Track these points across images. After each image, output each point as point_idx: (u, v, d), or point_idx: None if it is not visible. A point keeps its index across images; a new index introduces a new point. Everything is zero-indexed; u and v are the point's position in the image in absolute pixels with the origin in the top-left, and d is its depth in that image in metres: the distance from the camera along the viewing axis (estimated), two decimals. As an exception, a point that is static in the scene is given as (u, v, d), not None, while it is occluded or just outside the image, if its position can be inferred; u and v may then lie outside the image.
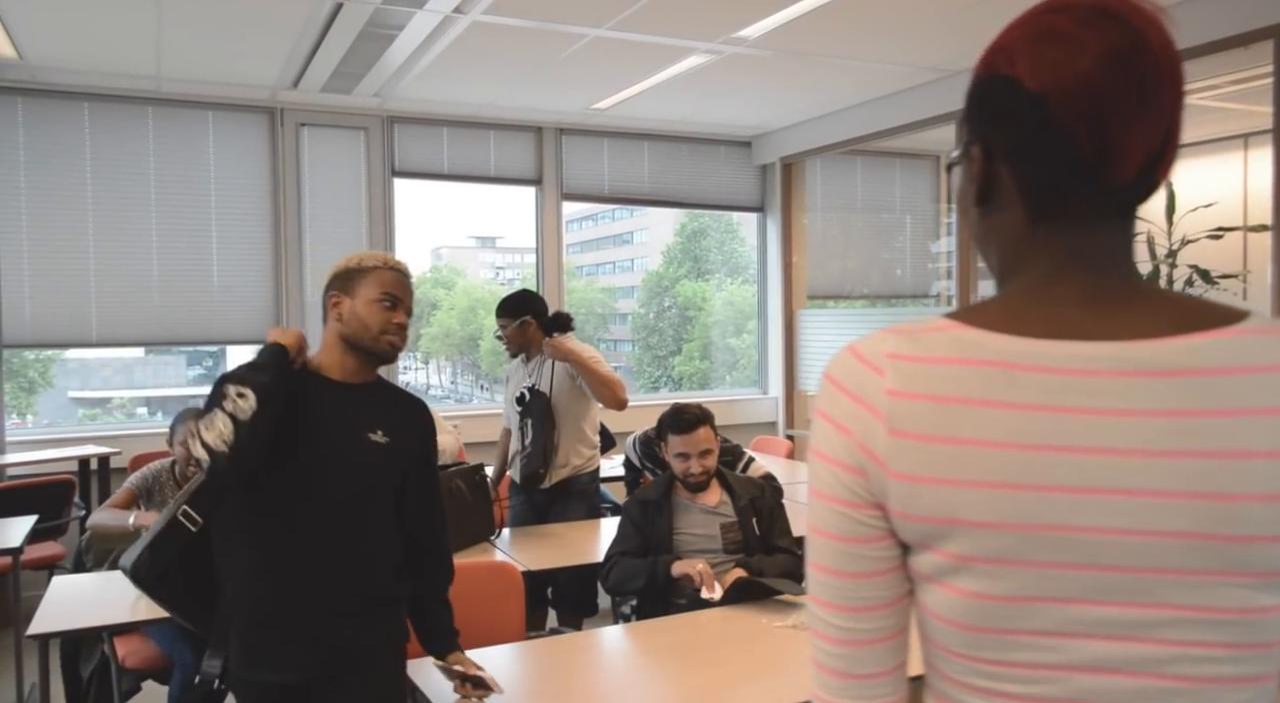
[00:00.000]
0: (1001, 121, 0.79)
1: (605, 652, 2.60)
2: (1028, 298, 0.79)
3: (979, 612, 0.77)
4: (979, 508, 0.74)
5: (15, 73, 4.94)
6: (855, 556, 0.80)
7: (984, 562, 0.75)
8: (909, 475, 0.76)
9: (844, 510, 0.80)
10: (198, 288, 5.58)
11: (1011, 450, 0.74)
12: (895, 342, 0.79)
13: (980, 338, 0.77)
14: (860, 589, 0.80)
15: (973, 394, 0.75)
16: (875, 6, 4.07)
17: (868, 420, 0.78)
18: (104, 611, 2.83)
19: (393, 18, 4.16)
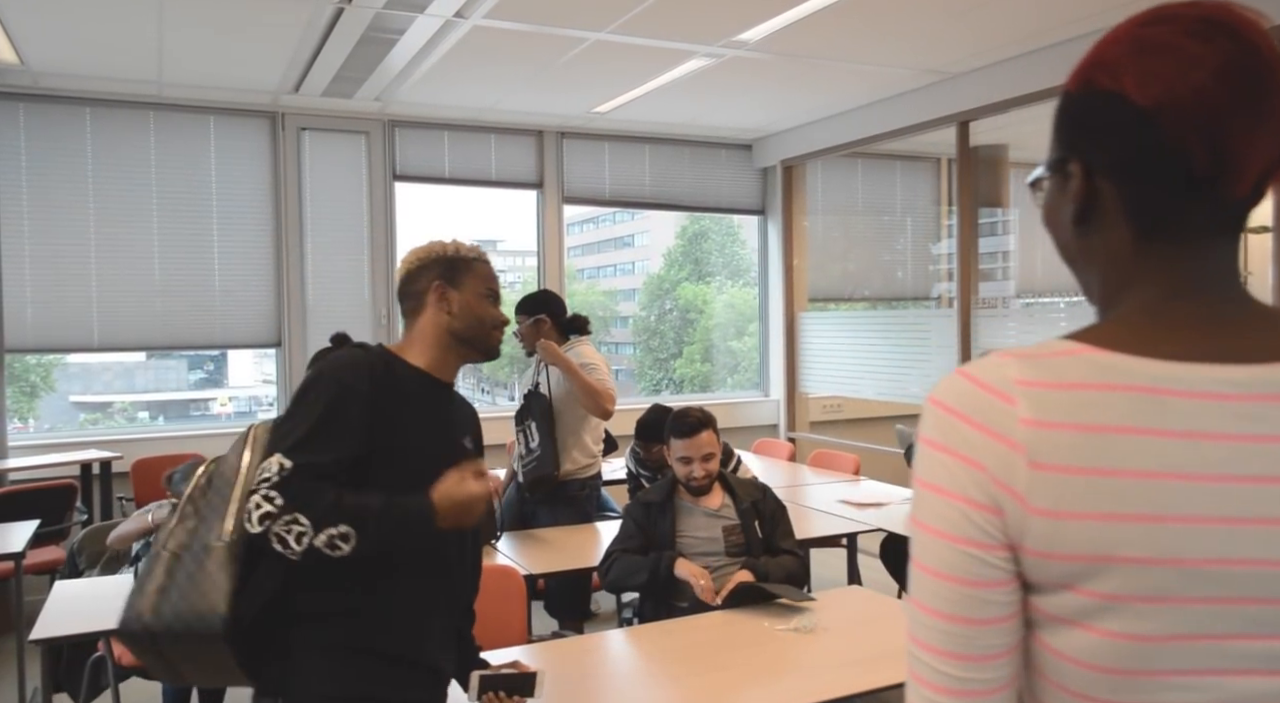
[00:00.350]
0: (1106, 138, 0.76)
1: (608, 655, 2.60)
2: (1151, 320, 0.76)
3: (1127, 653, 0.72)
4: (1135, 543, 0.70)
5: (17, 78, 4.95)
6: (980, 600, 0.73)
7: (1138, 600, 0.71)
8: (1053, 511, 0.71)
9: (972, 552, 0.73)
10: (199, 292, 5.59)
11: (1167, 481, 0.69)
12: (1021, 367, 0.73)
13: (1120, 362, 0.72)
14: (982, 637, 0.73)
15: (1123, 422, 0.70)
16: (876, 10, 4.07)
17: (1003, 453, 0.72)
18: (109, 615, 2.83)
19: (394, 22, 4.17)
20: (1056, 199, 0.83)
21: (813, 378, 6.73)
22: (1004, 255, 7.42)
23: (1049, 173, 0.83)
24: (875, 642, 2.55)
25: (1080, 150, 0.79)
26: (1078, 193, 0.79)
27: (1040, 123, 5.96)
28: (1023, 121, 5.65)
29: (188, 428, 5.82)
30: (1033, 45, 4.62)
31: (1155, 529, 0.69)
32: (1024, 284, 7.36)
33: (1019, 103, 4.89)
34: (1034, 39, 4.54)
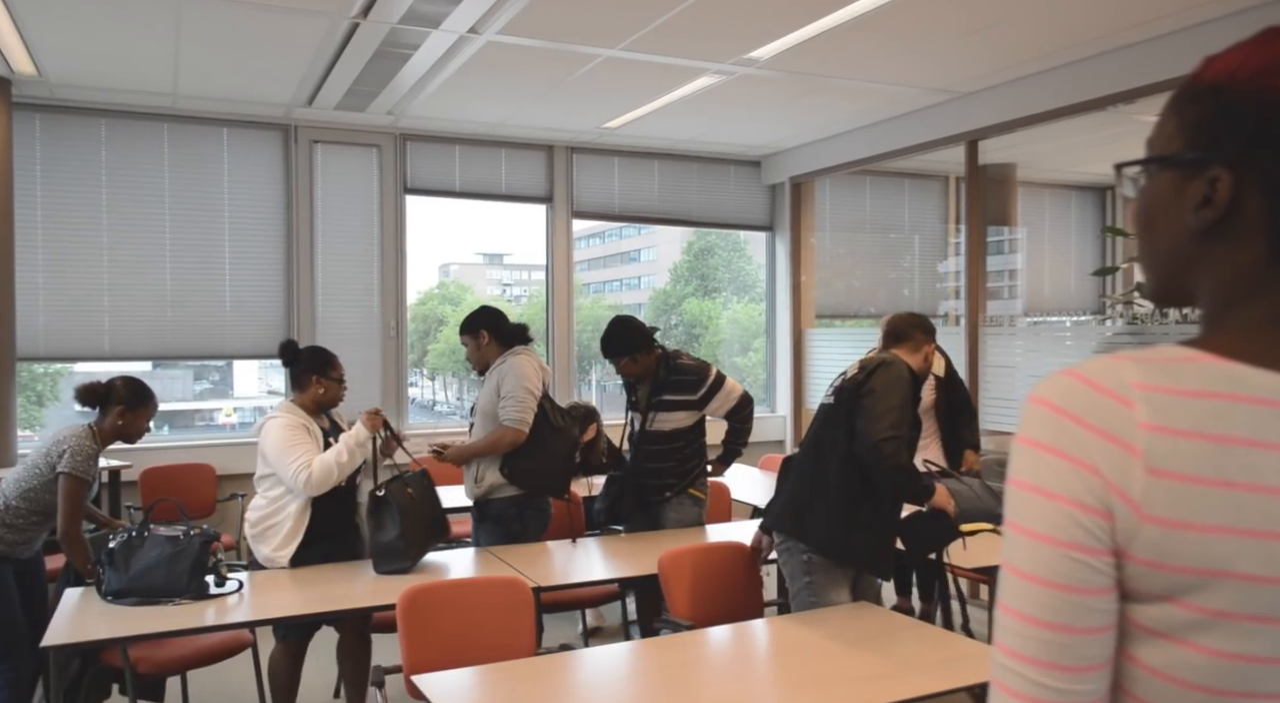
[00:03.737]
0: (1271, 149, 0.71)
1: (617, 669, 2.60)
2: (1274, 333, 0.72)
3: (1227, 673, 0.69)
4: (1252, 560, 0.67)
5: (34, 89, 5.00)
6: (1084, 608, 0.71)
7: (1246, 619, 0.68)
8: (1168, 520, 0.68)
9: (1079, 556, 0.70)
10: (210, 302, 5.62)
11: None
12: (1140, 371, 0.71)
13: (1242, 372, 0.70)
14: (1081, 646, 0.71)
15: (1247, 433, 0.68)
16: (885, 29, 4.10)
17: (1119, 457, 0.69)
18: (119, 623, 2.84)
19: (408, 37, 4.21)
20: (1172, 199, 0.77)
21: (819, 394, 6.71)
22: (1011, 274, 7.43)
23: (1169, 170, 0.78)
24: (887, 657, 2.55)
25: (1235, 158, 0.73)
26: (1221, 203, 0.74)
27: (1049, 142, 6.00)
28: (1031, 141, 5.68)
29: (194, 438, 5.83)
30: (1042, 65, 4.65)
31: (1272, 546, 0.67)
32: (1031, 303, 7.37)
33: (1028, 122, 4.91)
34: (1043, 59, 4.56)
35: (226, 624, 2.97)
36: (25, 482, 3.39)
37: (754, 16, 3.95)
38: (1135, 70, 4.27)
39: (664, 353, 4.00)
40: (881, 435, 2.89)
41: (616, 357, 3.96)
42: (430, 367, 13.43)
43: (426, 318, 13.25)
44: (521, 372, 3.84)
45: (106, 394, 3.48)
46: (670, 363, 3.97)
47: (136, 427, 3.53)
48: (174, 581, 3.04)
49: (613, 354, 3.97)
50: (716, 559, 3.38)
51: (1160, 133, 0.79)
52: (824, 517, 2.99)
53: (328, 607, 3.09)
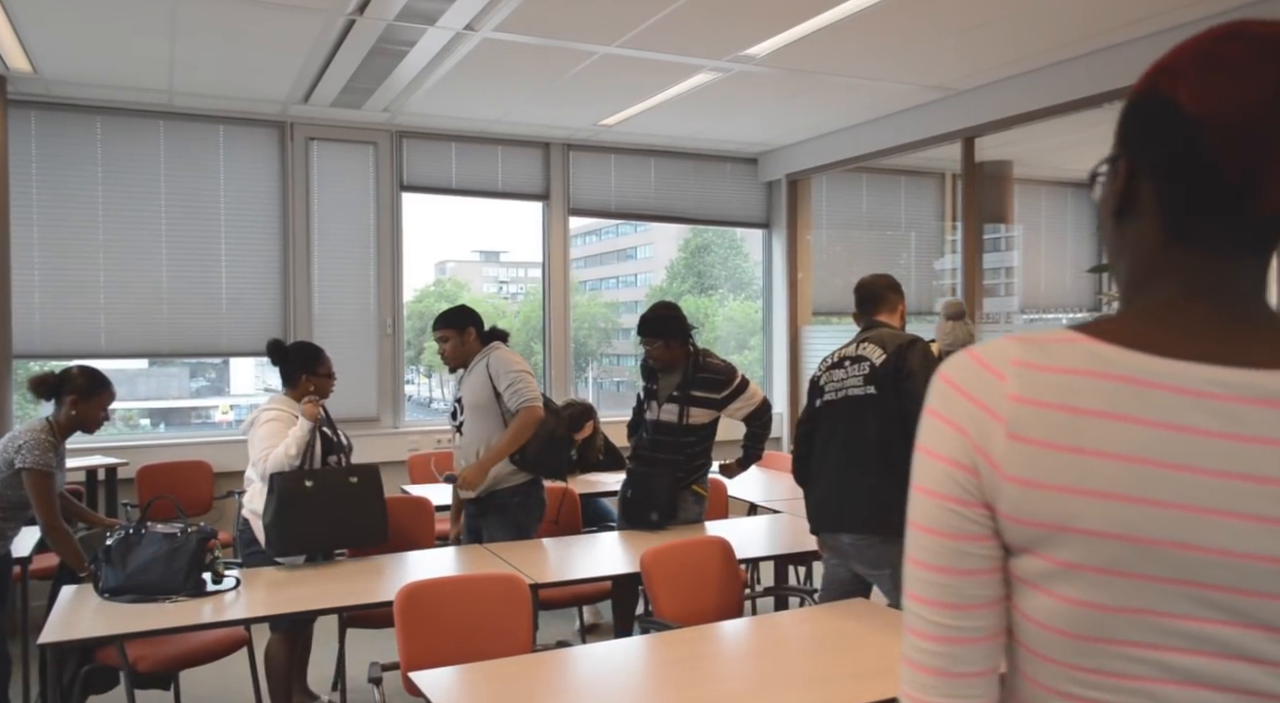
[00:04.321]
0: (1152, 141, 0.80)
1: (612, 666, 2.60)
2: (1160, 317, 0.80)
3: (1082, 620, 0.78)
4: (1094, 517, 0.75)
5: (30, 86, 4.99)
6: (961, 552, 0.81)
7: (1092, 570, 0.76)
8: (1023, 479, 0.78)
9: (953, 507, 0.81)
10: (206, 300, 5.61)
11: (1133, 464, 0.75)
12: (1021, 349, 0.80)
13: (1112, 353, 0.77)
14: (965, 587, 0.81)
15: (1100, 406, 0.76)
16: (881, 26, 4.11)
17: (985, 423, 0.79)
18: (116, 620, 2.84)
19: (404, 34, 4.21)
20: (1106, 192, 0.86)
21: (816, 391, 6.73)
22: (1008, 271, 7.44)
23: (1106, 168, 0.87)
24: (881, 654, 2.56)
25: (1130, 149, 0.83)
26: (1119, 188, 0.83)
27: (1045, 139, 6.01)
28: (1028, 138, 5.69)
29: (190, 435, 5.83)
30: (1038, 62, 4.66)
31: (1113, 506, 0.75)
32: (1028, 300, 7.38)
33: (1024, 119, 4.92)
34: (1039, 56, 4.57)
35: (223, 621, 2.97)
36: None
37: (750, 13, 3.95)
38: (1132, 67, 4.27)
39: (695, 350, 4.01)
40: None
41: (653, 337, 3.96)
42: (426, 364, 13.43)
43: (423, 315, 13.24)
44: (508, 358, 3.89)
45: (60, 384, 3.46)
46: (700, 360, 3.98)
47: (91, 416, 3.49)
48: (171, 578, 3.05)
49: (651, 333, 3.97)
50: (697, 556, 3.38)
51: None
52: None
53: (324, 603, 3.10)
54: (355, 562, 3.62)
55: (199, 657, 3.32)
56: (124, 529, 3.14)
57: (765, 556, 3.84)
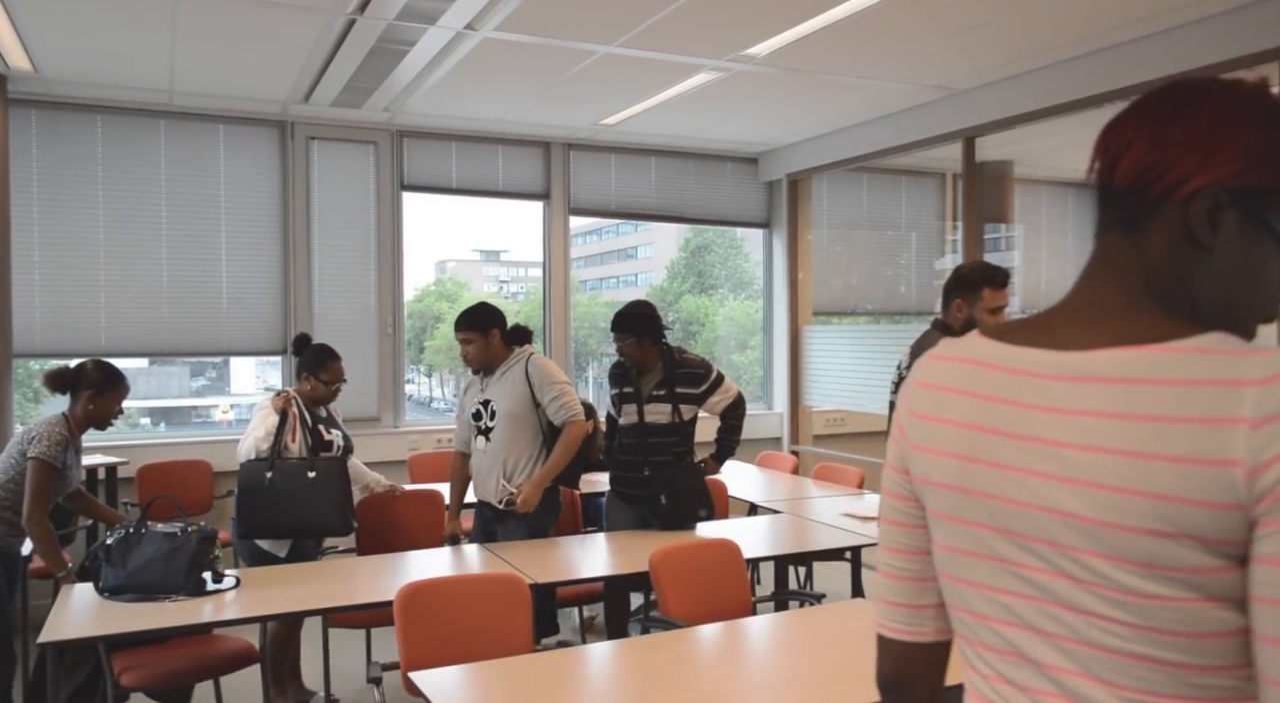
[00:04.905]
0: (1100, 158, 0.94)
1: (610, 666, 2.60)
2: (1053, 310, 0.94)
3: (943, 561, 0.96)
4: (940, 471, 0.94)
5: (30, 85, 4.99)
6: (890, 507, 1.03)
7: (942, 517, 0.95)
8: (915, 445, 0.97)
9: (889, 472, 1.03)
10: (207, 299, 5.61)
11: (964, 429, 0.92)
12: (943, 347, 0.99)
13: (980, 344, 0.94)
14: (891, 533, 1.03)
15: (954, 384, 0.94)
16: (882, 26, 4.10)
17: (903, 402, 1.01)
18: (116, 619, 2.84)
19: (405, 34, 4.20)
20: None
21: (816, 391, 6.74)
22: (1008, 272, 7.41)
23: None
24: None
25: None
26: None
27: (1046, 139, 6.00)
28: (1029, 138, 5.68)
29: (191, 434, 5.83)
30: (1039, 62, 4.65)
31: (949, 462, 0.93)
32: (1028, 300, 7.37)
33: (1025, 119, 4.91)
34: (1040, 56, 4.57)
35: (223, 621, 2.97)
36: (4, 473, 3.38)
37: (751, 13, 3.94)
38: (1133, 67, 4.27)
39: (668, 348, 4.00)
40: None
41: (625, 335, 3.95)
42: (427, 363, 13.41)
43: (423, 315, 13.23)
44: (551, 369, 3.87)
45: (75, 379, 3.45)
46: (676, 357, 3.98)
47: (106, 410, 3.49)
48: (171, 577, 3.05)
49: (624, 329, 3.96)
50: (708, 557, 3.37)
51: None
52: None
53: (325, 603, 3.10)
54: (355, 560, 3.62)
55: (211, 670, 3.32)
56: (124, 529, 3.14)
57: (766, 556, 3.84)
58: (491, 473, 3.83)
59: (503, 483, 3.78)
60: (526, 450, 3.82)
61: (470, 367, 3.94)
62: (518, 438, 3.80)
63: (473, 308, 3.88)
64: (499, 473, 3.81)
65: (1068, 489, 0.82)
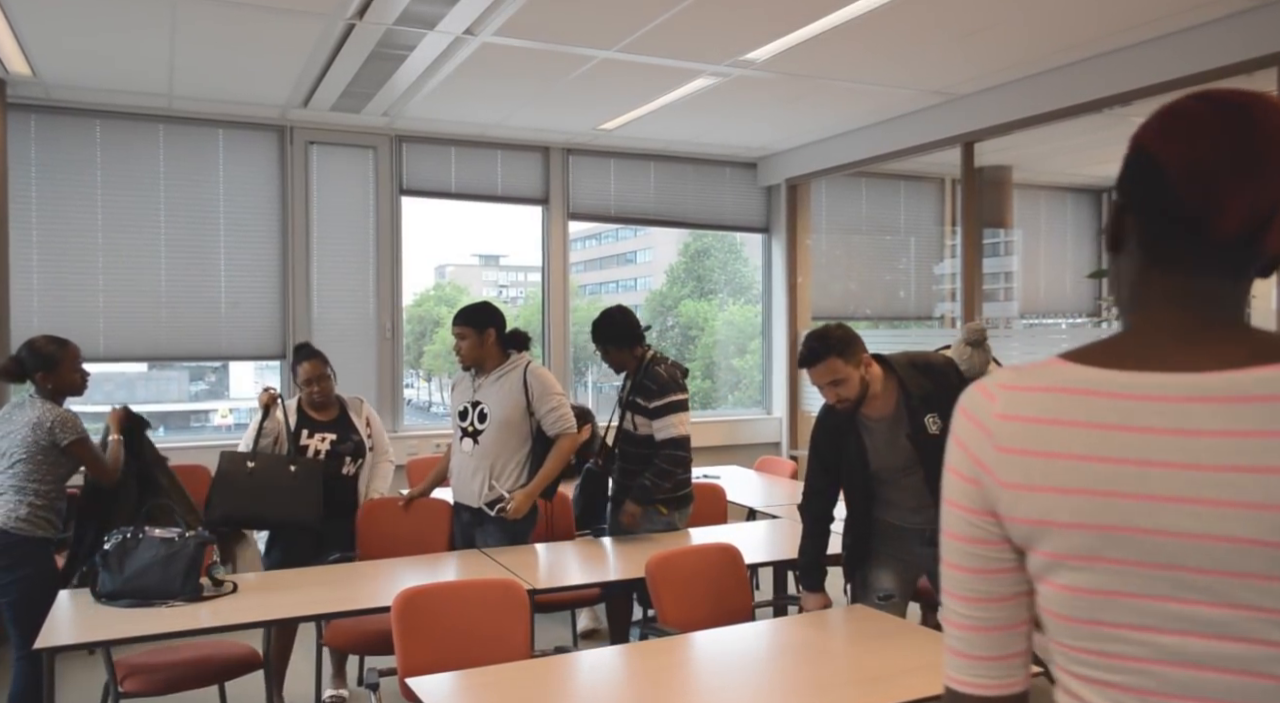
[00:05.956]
0: (1134, 184, 0.93)
1: (610, 672, 2.59)
2: (1133, 334, 0.92)
3: (1073, 604, 0.88)
4: (1066, 511, 0.87)
5: (29, 90, 4.99)
6: (975, 554, 0.94)
7: (1071, 559, 0.87)
8: (1011, 483, 0.90)
9: (964, 515, 0.94)
10: (205, 303, 5.61)
11: (1092, 463, 0.86)
12: (1012, 376, 0.94)
13: (1076, 371, 0.90)
14: (980, 583, 0.94)
15: (1063, 416, 0.88)
16: (881, 31, 4.11)
17: (980, 438, 0.93)
18: (112, 624, 2.83)
19: (404, 39, 4.21)
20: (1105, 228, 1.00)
21: (815, 396, 6.72)
22: (1007, 276, 7.44)
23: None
24: (881, 660, 2.55)
25: (1122, 192, 0.95)
26: (1111, 222, 0.97)
27: (1045, 145, 6.01)
28: (1027, 143, 5.69)
29: (189, 439, 5.82)
30: (1037, 68, 4.66)
31: (1079, 500, 0.86)
32: (1027, 305, 7.38)
33: (1024, 124, 4.92)
34: (1039, 62, 4.57)
35: (220, 626, 2.96)
36: (36, 469, 3.37)
37: (750, 18, 3.95)
38: (1131, 73, 4.28)
39: (650, 357, 3.94)
40: None
41: (595, 343, 3.97)
42: (426, 368, 13.40)
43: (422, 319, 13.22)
44: (550, 380, 3.84)
45: (22, 367, 3.49)
46: (649, 368, 3.91)
47: (67, 381, 3.50)
48: (168, 582, 3.04)
49: (593, 339, 3.98)
50: (705, 562, 3.34)
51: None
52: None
53: (322, 609, 3.09)
54: (353, 566, 3.61)
55: (212, 677, 3.31)
56: (121, 533, 3.14)
57: (765, 561, 3.83)
58: (476, 476, 3.79)
59: (491, 483, 3.76)
60: (515, 457, 3.79)
61: (462, 363, 3.91)
62: (508, 444, 3.78)
63: (473, 305, 3.88)
64: (485, 476, 3.77)
65: (1246, 515, 0.79)
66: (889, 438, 2.98)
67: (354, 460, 4.03)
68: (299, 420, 4.00)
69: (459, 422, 3.89)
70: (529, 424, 3.80)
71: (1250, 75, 3.87)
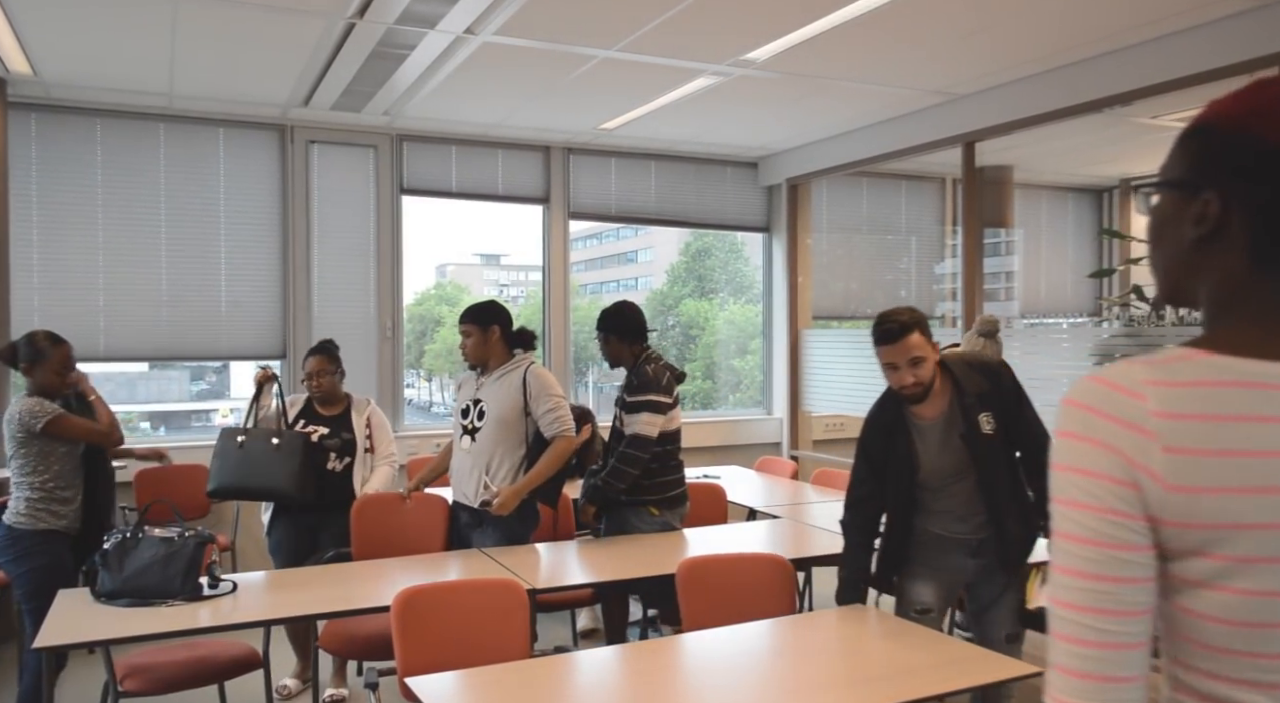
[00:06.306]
0: (1252, 180, 0.87)
1: (609, 672, 2.59)
2: (1258, 328, 0.88)
3: (1257, 608, 0.84)
4: (1258, 512, 0.83)
5: (30, 89, 4.99)
6: (1121, 561, 0.86)
7: (1264, 561, 0.83)
8: (1188, 487, 0.84)
9: (1115, 519, 0.86)
10: (206, 303, 5.61)
11: (1271, 458, 0.83)
12: (1148, 370, 0.87)
13: (1230, 362, 0.85)
14: (1124, 593, 0.86)
15: (1238, 411, 0.84)
16: (882, 31, 4.10)
17: (1139, 441, 0.85)
18: (111, 624, 2.83)
19: (404, 38, 4.20)
20: (1174, 216, 0.94)
21: (816, 396, 6.74)
22: (1008, 276, 7.43)
23: (1173, 192, 0.94)
24: (879, 660, 2.55)
25: (1221, 183, 0.89)
26: (1212, 220, 0.90)
27: (1046, 145, 6.01)
28: (1028, 143, 5.68)
29: (190, 438, 5.81)
30: (1039, 67, 4.65)
31: (1273, 499, 0.82)
32: (1028, 305, 7.37)
33: (1025, 124, 4.91)
34: (1040, 61, 4.57)
35: (219, 626, 2.96)
36: (27, 462, 3.41)
37: (751, 18, 3.94)
38: (1132, 72, 4.28)
39: (645, 355, 3.95)
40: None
41: (599, 330, 4.00)
42: (427, 367, 13.41)
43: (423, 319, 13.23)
44: (550, 380, 3.83)
45: (13, 355, 3.53)
46: (639, 366, 3.93)
47: (45, 381, 3.50)
48: (167, 582, 3.03)
49: (598, 326, 4.01)
50: (745, 570, 3.17)
51: (1170, 160, 0.95)
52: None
53: (322, 608, 3.09)
54: (352, 566, 3.61)
55: (211, 677, 3.30)
56: (120, 532, 3.14)
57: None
58: (472, 473, 3.79)
59: (484, 480, 3.76)
60: (510, 457, 3.77)
61: (467, 360, 3.93)
62: (503, 442, 3.77)
63: (480, 303, 3.91)
64: (480, 473, 3.77)
65: None
66: (941, 439, 2.88)
67: (339, 457, 4.05)
68: (302, 411, 4.13)
69: (460, 419, 3.90)
70: (525, 424, 3.79)
71: (1253, 75, 3.86)
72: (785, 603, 3.10)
